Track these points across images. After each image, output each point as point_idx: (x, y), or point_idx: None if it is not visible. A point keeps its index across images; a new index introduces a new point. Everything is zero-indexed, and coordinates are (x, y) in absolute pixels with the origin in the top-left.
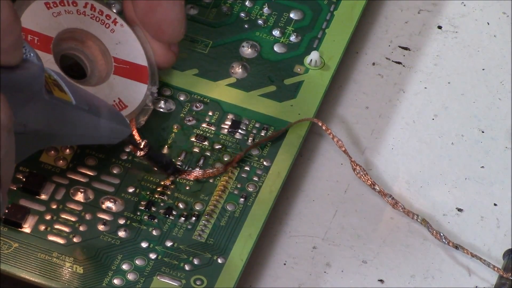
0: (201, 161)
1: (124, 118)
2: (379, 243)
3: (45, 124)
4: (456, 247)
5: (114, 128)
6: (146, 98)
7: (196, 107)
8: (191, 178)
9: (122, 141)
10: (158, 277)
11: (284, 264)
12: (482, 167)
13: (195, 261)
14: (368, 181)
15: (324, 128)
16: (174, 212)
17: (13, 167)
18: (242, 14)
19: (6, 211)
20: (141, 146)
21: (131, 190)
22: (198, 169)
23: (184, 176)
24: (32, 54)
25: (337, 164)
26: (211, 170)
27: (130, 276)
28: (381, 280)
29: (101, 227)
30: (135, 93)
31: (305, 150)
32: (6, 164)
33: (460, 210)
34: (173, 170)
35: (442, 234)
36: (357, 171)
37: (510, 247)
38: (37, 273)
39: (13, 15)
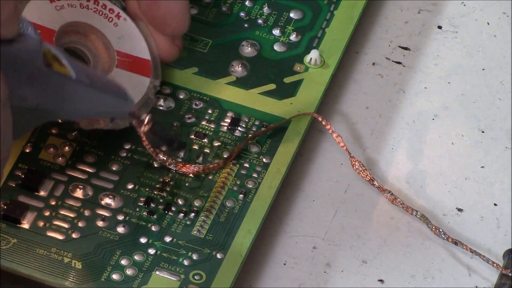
0: (201, 158)
1: (127, 93)
2: (379, 243)
3: (44, 98)
4: (456, 243)
5: (117, 103)
6: (148, 91)
7: (196, 105)
8: (191, 174)
9: (125, 116)
10: (157, 272)
11: (284, 264)
12: (482, 167)
13: (194, 257)
14: (367, 177)
15: (324, 123)
16: (173, 208)
17: (10, 142)
18: (242, 14)
19: (5, 207)
20: (145, 121)
21: (130, 186)
22: (197, 164)
23: (184, 170)
24: (29, 29)
25: (337, 164)
26: (211, 165)
27: (129, 271)
28: (381, 280)
29: (100, 223)
30: (138, 86)
31: (305, 149)
32: (2, 139)
33: (460, 210)
34: (178, 145)
35: (441, 230)
36: (356, 167)
37: (510, 247)
38: (35, 268)
39: None
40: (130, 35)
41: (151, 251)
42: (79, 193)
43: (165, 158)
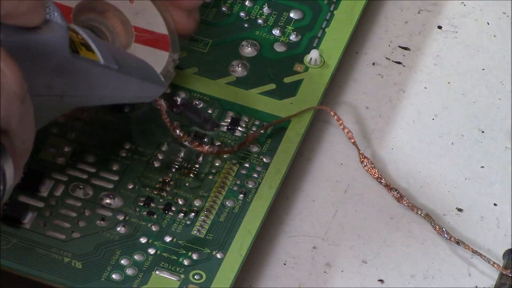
0: (201, 158)
1: (159, 76)
2: (379, 243)
3: (71, 87)
4: (458, 242)
5: (147, 87)
6: (168, 65)
7: (196, 105)
8: (204, 153)
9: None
10: (157, 272)
11: (284, 264)
12: (482, 167)
13: (194, 256)
14: (375, 174)
15: (336, 118)
16: (173, 208)
17: (31, 136)
18: (242, 14)
19: (5, 207)
20: (178, 103)
21: (130, 186)
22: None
23: (198, 149)
24: (56, 14)
25: (337, 164)
26: (226, 148)
27: (129, 271)
28: (381, 280)
29: (100, 223)
30: (157, 60)
31: (305, 149)
32: (21, 134)
33: (460, 210)
34: (211, 126)
35: (444, 230)
36: (365, 164)
37: (510, 247)
38: (36, 268)
39: None
40: (146, 11)
41: (151, 251)
42: (79, 193)
43: (181, 134)
